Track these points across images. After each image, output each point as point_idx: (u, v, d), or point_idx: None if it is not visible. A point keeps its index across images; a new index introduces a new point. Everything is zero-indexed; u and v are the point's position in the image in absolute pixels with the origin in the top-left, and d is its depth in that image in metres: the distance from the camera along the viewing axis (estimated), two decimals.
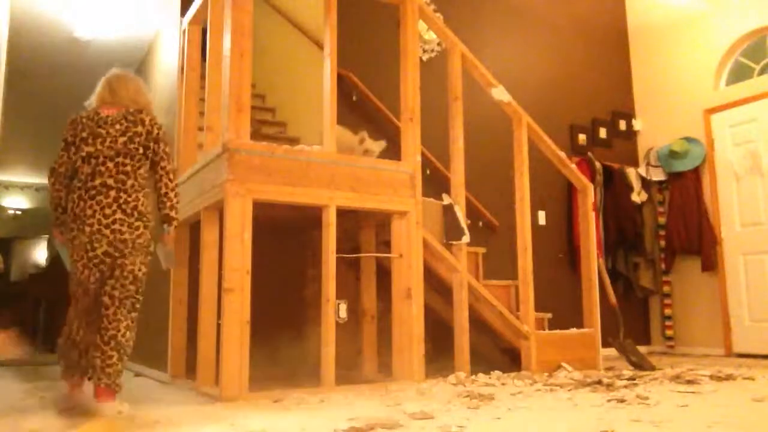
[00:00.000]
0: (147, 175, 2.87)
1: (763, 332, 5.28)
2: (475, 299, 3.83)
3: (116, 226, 2.71)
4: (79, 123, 2.84)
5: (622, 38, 6.54)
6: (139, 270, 2.77)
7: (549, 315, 4.31)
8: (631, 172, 5.99)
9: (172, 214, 2.88)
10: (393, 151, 3.81)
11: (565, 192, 5.71)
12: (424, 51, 5.15)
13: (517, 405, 2.60)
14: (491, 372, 3.64)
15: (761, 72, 5.59)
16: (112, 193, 2.75)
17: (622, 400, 2.63)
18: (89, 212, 2.72)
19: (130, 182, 2.78)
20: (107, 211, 2.72)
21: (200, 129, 3.88)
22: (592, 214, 4.33)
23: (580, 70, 6.13)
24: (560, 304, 4.76)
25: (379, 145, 3.87)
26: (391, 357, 3.58)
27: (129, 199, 2.76)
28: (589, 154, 5.89)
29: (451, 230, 3.81)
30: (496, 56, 5.49)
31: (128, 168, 2.80)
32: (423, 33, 4.97)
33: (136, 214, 2.76)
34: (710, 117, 5.80)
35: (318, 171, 3.31)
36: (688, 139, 5.83)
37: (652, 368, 4.00)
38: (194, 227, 3.65)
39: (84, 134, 2.81)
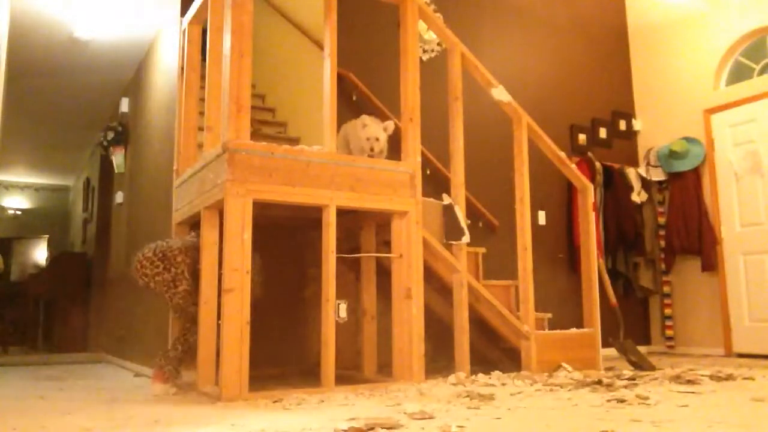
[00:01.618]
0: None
1: (763, 332, 5.28)
2: (475, 299, 3.83)
3: (144, 262, 3.31)
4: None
5: (622, 38, 6.54)
6: (170, 299, 3.36)
7: (549, 315, 4.31)
8: (631, 172, 6.00)
9: None
10: (393, 151, 3.81)
11: (565, 192, 5.71)
12: (424, 51, 5.15)
13: (517, 405, 2.60)
14: (491, 372, 3.64)
15: (761, 72, 5.59)
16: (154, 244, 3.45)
17: (622, 400, 2.63)
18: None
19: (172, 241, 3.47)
20: (145, 251, 3.36)
21: (200, 129, 3.88)
22: (592, 214, 4.33)
23: (580, 70, 6.14)
24: (560, 304, 4.76)
25: (385, 128, 3.68)
26: (391, 357, 3.58)
27: (161, 243, 3.38)
28: (589, 154, 5.89)
29: (451, 230, 3.81)
30: (496, 56, 5.49)
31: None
32: (423, 33, 4.97)
33: (160, 254, 3.31)
34: (710, 117, 5.80)
35: (318, 171, 3.31)
36: (688, 139, 5.84)
37: (652, 368, 4.00)
38: (194, 227, 3.65)
39: None
